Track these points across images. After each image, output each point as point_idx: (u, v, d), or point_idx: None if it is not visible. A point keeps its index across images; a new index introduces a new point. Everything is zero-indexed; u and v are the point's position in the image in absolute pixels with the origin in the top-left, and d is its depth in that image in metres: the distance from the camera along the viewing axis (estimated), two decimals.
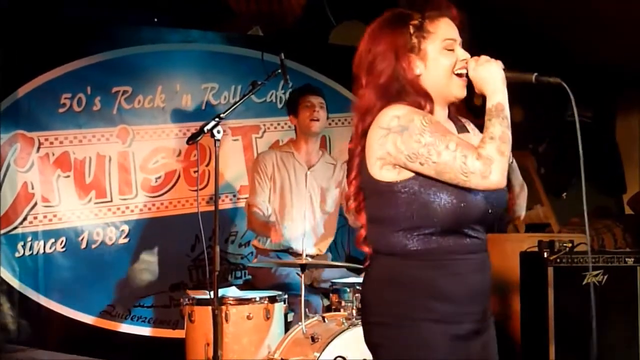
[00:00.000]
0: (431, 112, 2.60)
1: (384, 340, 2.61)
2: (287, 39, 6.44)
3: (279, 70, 4.78)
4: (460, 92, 2.63)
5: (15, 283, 5.58)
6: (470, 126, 2.79)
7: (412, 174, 2.53)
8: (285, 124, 6.37)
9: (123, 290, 5.91)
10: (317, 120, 5.36)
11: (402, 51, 2.60)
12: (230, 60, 6.36)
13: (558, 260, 5.37)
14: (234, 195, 6.32)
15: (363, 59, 2.66)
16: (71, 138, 5.77)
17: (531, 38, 7.52)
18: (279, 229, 5.03)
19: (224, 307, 4.45)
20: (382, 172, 2.56)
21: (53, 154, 5.71)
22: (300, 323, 4.39)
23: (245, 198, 5.92)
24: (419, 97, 2.59)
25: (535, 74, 2.56)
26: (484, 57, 2.59)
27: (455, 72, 2.61)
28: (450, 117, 2.71)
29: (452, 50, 2.62)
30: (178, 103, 6.15)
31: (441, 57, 2.61)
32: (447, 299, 2.55)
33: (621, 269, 5.49)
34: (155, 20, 6.13)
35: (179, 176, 6.12)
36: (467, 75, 2.62)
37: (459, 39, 2.64)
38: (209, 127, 4.30)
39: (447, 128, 2.57)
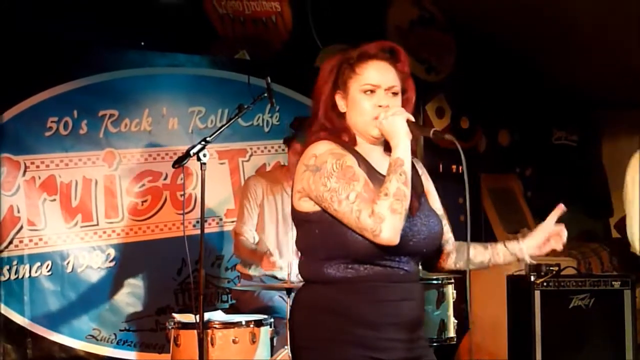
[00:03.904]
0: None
1: None
2: (274, 63, 6.44)
3: (265, 94, 4.79)
4: (377, 134, 2.67)
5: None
6: (418, 165, 2.84)
7: None
8: (272, 147, 6.38)
9: (109, 314, 5.88)
10: None
11: (332, 89, 2.71)
12: (217, 83, 6.35)
13: (545, 283, 5.38)
14: (221, 219, 6.30)
15: (312, 94, 2.76)
16: (57, 161, 5.75)
17: (515, 63, 7.57)
18: (271, 258, 4.98)
19: (209, 331, 4.43)
20: (300, 202, 2.66)
21: (39, 178, 5.69)
22: (286, 347, 4.38)
23: (232, 221, 5.90)
24: (341, 134, 2.69)
25: (434, 129, 2.63)
26: (391, 110, 2.63)
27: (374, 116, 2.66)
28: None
29: (372, 92, 2.66)
30: (165, 127, 6.14)
31: (360, 98, 2.68)
32: (367, 324, 2.59)
33: (608, 292, 5.50)
34: (142, 44, 6.11)
35: (165, 200, 6.09)
36: None
37: (386, 85, 2.68)
38: (195, 150, 4.30)
39: (357, 173, 2.58)
